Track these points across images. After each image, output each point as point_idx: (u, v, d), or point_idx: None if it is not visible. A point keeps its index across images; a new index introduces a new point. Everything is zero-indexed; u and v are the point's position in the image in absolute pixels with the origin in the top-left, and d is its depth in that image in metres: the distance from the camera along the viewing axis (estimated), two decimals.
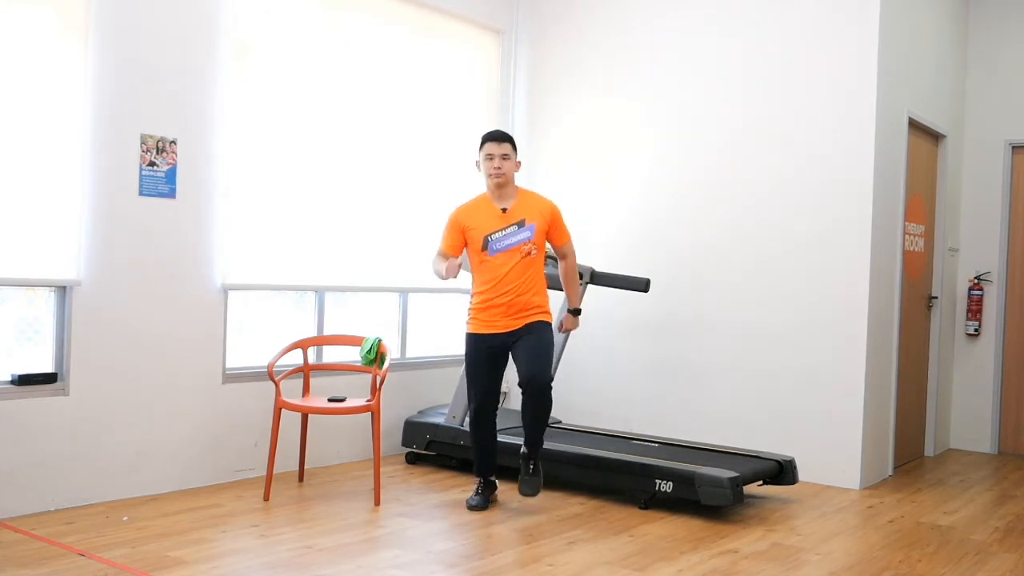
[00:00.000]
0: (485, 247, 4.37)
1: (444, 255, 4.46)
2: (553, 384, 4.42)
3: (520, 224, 4.38)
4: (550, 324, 4.48)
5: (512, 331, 4.40)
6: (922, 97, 5.98)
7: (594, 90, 6.25)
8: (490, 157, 4.43)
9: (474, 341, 4.47)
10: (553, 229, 4.49)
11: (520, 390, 4.37)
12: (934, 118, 6.18)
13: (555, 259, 5.28)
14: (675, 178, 5.88)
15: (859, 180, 5.26)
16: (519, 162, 4.55)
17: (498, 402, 4.55)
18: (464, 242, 4.46)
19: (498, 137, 4.47)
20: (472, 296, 4.50)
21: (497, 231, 4.37)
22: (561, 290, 4.84)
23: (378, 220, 5.62)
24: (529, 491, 4.44)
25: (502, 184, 4.43)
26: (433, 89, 5.98)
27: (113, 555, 3.53)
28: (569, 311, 4.75)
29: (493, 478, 4.65)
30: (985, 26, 6.70)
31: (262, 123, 4.96)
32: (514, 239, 4.35)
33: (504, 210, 4.41)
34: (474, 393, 4.50)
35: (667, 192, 5.92)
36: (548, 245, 4.58)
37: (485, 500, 4.53)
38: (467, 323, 4.52)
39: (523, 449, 4.48)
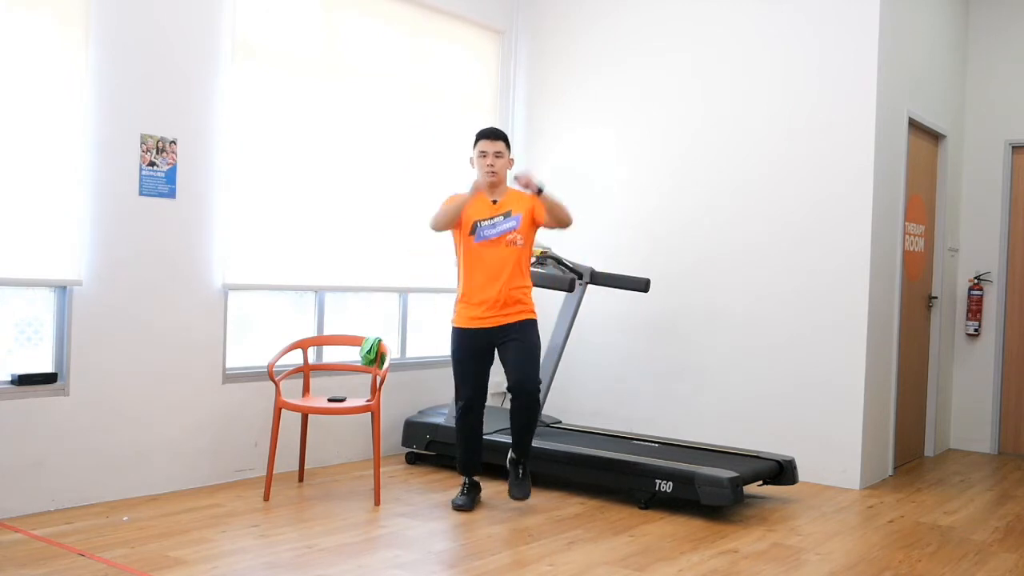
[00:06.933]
0: (473, 231, 4.41)
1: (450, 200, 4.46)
2: (553, 384, 4.43)
3: (507, 215, 4.43)
4: (536, 323, 4.50)
5: (500, 327, 4.40)
6: (922, 97, 5.98)
7: (594, 90, 6.25)
8: (484, 155, 4.48)
9: (460, 336, 4.47)
10: (537, 207, 4.47)
11: (508, 395, 4.42)
12: (934, 118, 6.18)
13: (551, 259, 5.31)
14: (675, 178, 5.88)
15: (859, 180, 5.26)
16: (512, 159, 4.59)
17: (485, 400, 4.54)
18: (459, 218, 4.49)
19: (491, 135, 4.50)
20: (459, 288, 4.52)
21: (486, 219, 4.42)
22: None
23: (378, 220, 5.62)
24: (519, 494, 4.46)
25: (495, 183, 4.48)
26: (433, 89, 5.98)
27: (113, 555, 3.53)
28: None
29: (478, 479, 4.63)
30: (985, 26, 6.69)
31: (262, 123, 4.96)
32: (501, 227, 4.41)
33: (495, 201, 4.48)
34: (461, 391, 4.50)
35: (667, 192, 5.92)
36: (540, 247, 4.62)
37: (471, 500, 4.51)
38: (453, 317, 4.53)
39: (511, 455, 4.53)
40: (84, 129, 4.22)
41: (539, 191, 4.30)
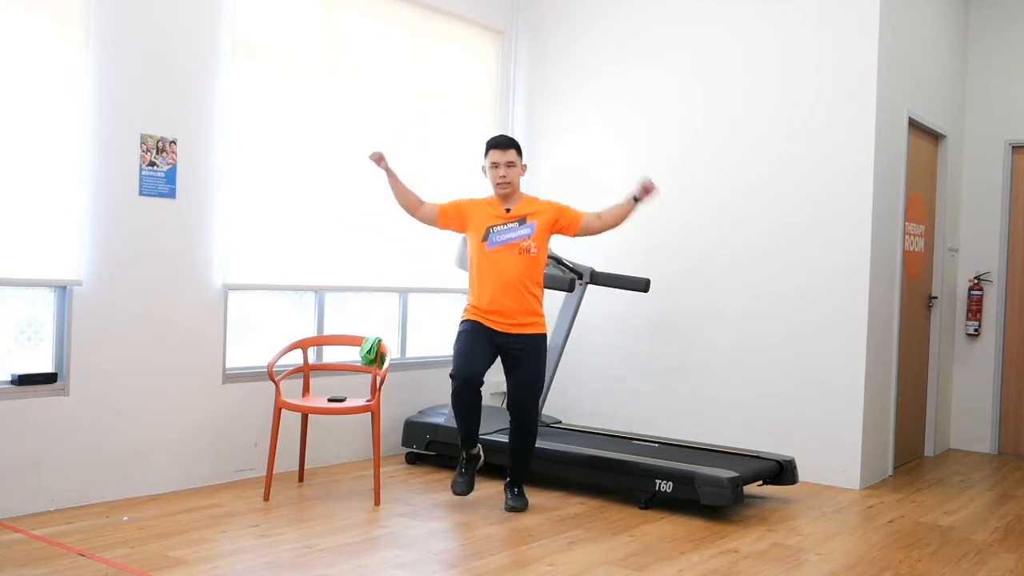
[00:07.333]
0: (485, 238, 4.38)
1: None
2: (553, 384, 4.43)
3: (521, 221, 4.39)
4: (546, 338, 4.51)
5: (512, 334, 4.37)
6: (922, 97, 5.98)
7: (594, 90, 6.25)
8: (495, 166, 4.43)
9: (471, 324, 4.40)
10: (563, 219, 4.47)
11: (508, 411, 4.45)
12: (934, 118, 6.18)
13: (551, 259, 5.29)
14: (675, 178, 5.88)
15: (859, 180, 5.26)
16: (524, 166, 4.55)
17: (482, 381, 4.35)
18: (457, 218, 4.49)
19: (502, 144, 4.46)
20: (470, 296, 4.49)
21: (499, 225, 4.40)
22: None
23: (378, 220, 5.61)
24: (516, 507, 4.47)
25: (508, 194, 4.46)
26: (433, 89, 5.98)
27: (113, 555, 3.53)
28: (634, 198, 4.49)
29: (476, 450, 4.53)
30: (985, 26, 6.69)
31: (262, 123, 4.96)
32: (514, 234, 4.37)
33: (508, 210, 4.45)
34: (460, 367, 4.29)
35: (667, 192, 5.91)
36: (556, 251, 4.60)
37: (470, 482, 4.50)
38: (463, 317, 4.47)
39: (507, 478, 4.56)
40: (84, 129, 4.22)
41: (638, 198, 4.44)
